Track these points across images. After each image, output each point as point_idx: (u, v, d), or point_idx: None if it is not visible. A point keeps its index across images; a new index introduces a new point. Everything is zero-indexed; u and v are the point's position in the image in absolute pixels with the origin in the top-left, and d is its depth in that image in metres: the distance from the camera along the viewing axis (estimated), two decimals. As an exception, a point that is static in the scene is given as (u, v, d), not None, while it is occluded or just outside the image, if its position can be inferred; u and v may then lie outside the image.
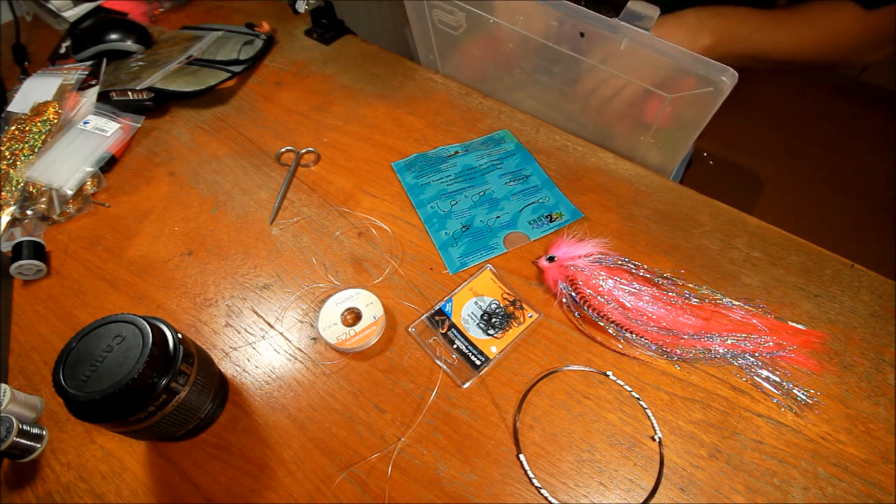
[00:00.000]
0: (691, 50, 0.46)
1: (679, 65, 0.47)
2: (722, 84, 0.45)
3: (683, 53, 0.47)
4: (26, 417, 0.41)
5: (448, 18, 0.64)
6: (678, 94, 0.50)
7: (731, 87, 0.45)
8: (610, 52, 0.52)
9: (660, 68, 0.49)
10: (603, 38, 0.51)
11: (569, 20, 0.52)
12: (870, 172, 1.63)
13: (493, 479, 0.38)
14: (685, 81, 0.48)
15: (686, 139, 0.55)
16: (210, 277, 0.51)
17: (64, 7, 0.81)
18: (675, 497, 0.37)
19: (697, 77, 0.47)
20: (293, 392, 0.43)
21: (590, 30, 0.51)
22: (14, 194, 0.56)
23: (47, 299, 0.50)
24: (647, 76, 0.51)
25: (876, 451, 0.39)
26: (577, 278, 0.46)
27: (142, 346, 0.32)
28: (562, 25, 0.53)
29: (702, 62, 0.46)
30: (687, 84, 0.48)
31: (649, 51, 0.48)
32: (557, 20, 0.53)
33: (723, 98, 0.46)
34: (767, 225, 0.52)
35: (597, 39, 0.52)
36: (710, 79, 0.46)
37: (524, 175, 0.58)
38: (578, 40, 0.53)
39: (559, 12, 0.52)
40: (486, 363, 0.43)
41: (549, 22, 0.54)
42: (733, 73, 0.45)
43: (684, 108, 0.51)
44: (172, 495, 0.38)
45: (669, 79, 0.49)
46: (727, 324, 0.45)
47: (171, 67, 0.66)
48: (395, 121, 0.65)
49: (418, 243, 0.52)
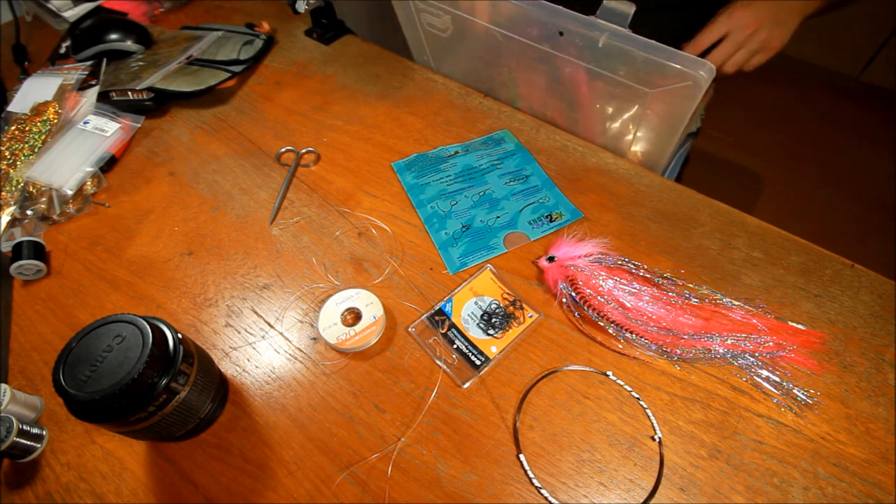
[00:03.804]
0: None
1: (657, 60, 0.47)
2: (700, 78, 0.46)
3: (660, 49, 0.47)
4: (26, 417, 0.41)
5: (435, 21, 0.64)
6: (658, 89, 0.50)
7: (708, 80, 0.46)
8: (589, 49, 0.52)
9: (638, 64, 0.49)
10: (581, 36, 0.51)
11: (547, 19, 0.52)
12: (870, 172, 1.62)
13: (493, 479, 0.38)
14: (664, 77, 0.49)
15: (671, 133, 0.55)
16: (210, 277, 0.51)
17: (64, 7, 0.81)
18: (675, 497, 0.37)
19: (675, 72, 0.47)
20: (293, 392, 0.43)
21: (568, 28, 0.52)
22: (14, 194, 0.56)
23: (47, 299, 0.50)
24: (626, 72, 0.51)
25: (876, 451, 0.39)
26: (577, 278, 0.46)
27: (142, 346, 0.32)
28: (541, 25, 0.54)
29: (679, 57, 0.46)
30: (666, 79, 0.49)
31: (627, 47, 0.49)
32: (536, 20, 0.54)
33: (701, 92, 0.47)
34: (767, 225, 0.52)
35: (575, 37, 0.52)
36: (688, 73, 0.46)
37: (524, 175, 0.58)
38: (558, 38, 0.53)
39: (538, 12, 0.53)
40: (486, 363, 0.43)
41: (528, 22, 0.55)
42: (711, 66, 0.45)
43: (665, 103, 0.51)
44: (172, 495, 0.38)
45: (649, 74, 0.50)
46: (727, 324, 0.45)
47: (171, 67, 0.66)
48: (395, 121, 0.65)
49: (418, 243, 0.52)
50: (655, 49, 0.47)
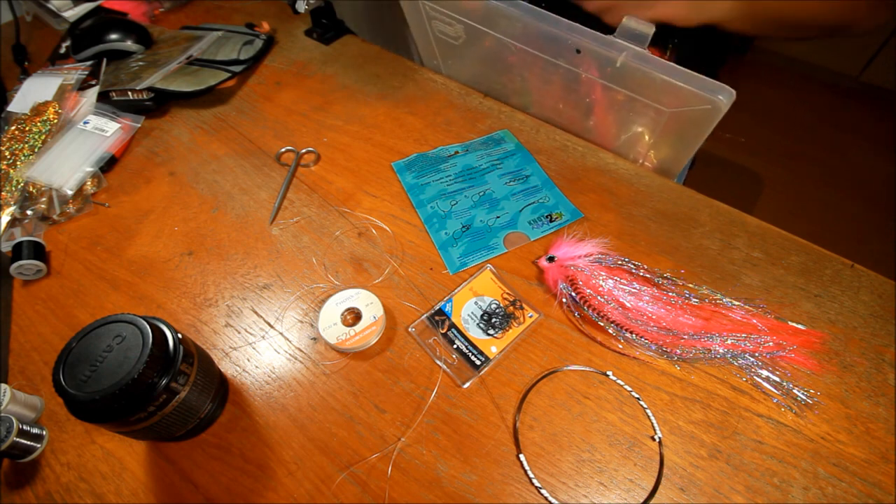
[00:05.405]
0: (710, 9, 0.45)
1: (675, 83, 0.47)
2: (719, 102, 0.45)
3: (678, 72, 0.46)
4: (26, 417, 0.41)
5: (447, 29, 0.64)
6: (676, 110, 0.50)
7: (727, 105, 0.45)
8: (606, 67, 0.52)
9: (657, 85, 0.49)
10: (599, 55, 0.51)
11: (565, 36, 0.52)
12: (870, 172, 1.63)
13: (493, 479, 0.38)
14: (682, 98, 0.48)
15: (684, 153, 0.55)
16: (210, 277, 0.51)
17: (64, 7, 0.81)
18: (675, 497, 0.37)
19: (694, 95, 0.46)
20: (293, 392, 0.43)
21: (585, 46, 0.51)
22: (14, 194, 0.56)
23: (47, 299, 0.50)
24: (644, 91, 0.51)
25: (876, 451, 0.39)
26: (577, 278, 0.46)
27: (142, 346, 0.32)
28: (559, 41, 0.53)
29: (698, 80, 0.46)
30: (685, 101, 0.48)
31: (646, 68, 0.48)
32: (553, 37, 0.53)
33: (720, 115, 0.46)
34: (767, 225, 0.52)
35: (593, 56, 0.52)
36: (707, 97, 0.46)
37: (524, 175, 0.58)
38: (574, 55, 0.53)
39: (555, 29, 0.52)
40: (486, 363, 0.43)
41: (546, 38, 0.54)
42: (731, 91, 0.45)
43: (683, 123, 0.51)
44: (172, 495, 0.38)
45: (667, 94, 0.49)
46: (727, 324, 0.45)
47: (171, 67, 0.66)
48: (395, 121, 0.65)
49: (418, 243, 0.52)
50: (674, 71, 0.47)
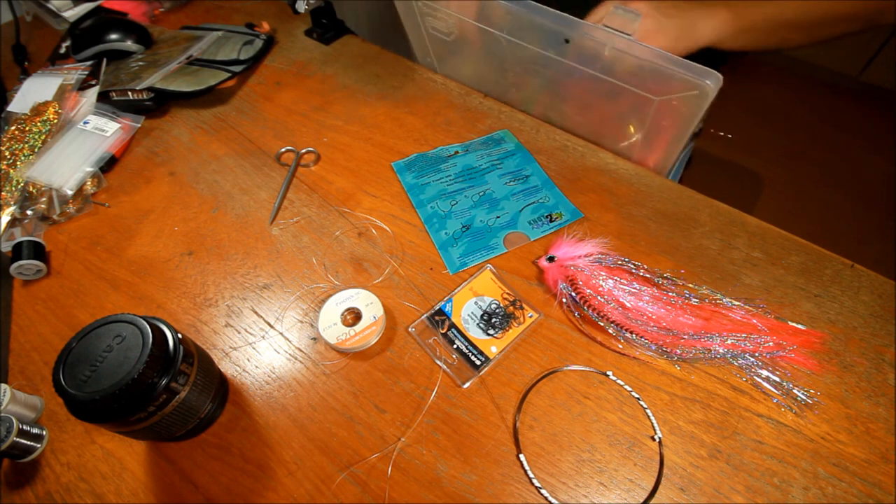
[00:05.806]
0: (697, 36, 0.45)
1: (663, 69, 0.47)
2: (706, 87, 0.45)
3: (666, 58, 0.47)
4: (26, 417, 0.41)
5: (440, 25, 0.64)
6: (664, 98, 0.50)
7: (715, 90, 0.45)
8: (595, 56, 0.52)
9: (645, 72, 0.49)
10: (587, 44, 0.51)
11: (553, 26, 0.52)
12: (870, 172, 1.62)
13: (493, 479, 0.38)
14: (670, 85, 0.48)
15: (677, 139, 0.55)
16: (210, 277, 0.51)
17: (64, 7, 0.81)
18: (675, 497, 0.37)
19: (682, 81, 0.47)
20: (293, 392, 0.43)
21: (574, 36, 0.51)
22: (14, 194, 0.56)
23: (47, 299, 0.50)
24: (632, 80, 0.51)
25: (876, 451, 0.39)
26: (577, 278, 0.46)
27: (142, 346, 0.32)
28: (547, 31, 0.53)
29: (686, 66, 0.46)
30: (672, 87, 0.48)
31: (634, 55, 0.48)
32: (542, 26, 0.53)
33: (708, 101, 0.47)
34: (767, 225, 0.52)
35: (581, 45, 0.52)
36: (695, 82, 0.46)
37: (524, 175, 0.58)
38: (563, 46, 0.53)
39: (544, 19, 0.52)
40: (486, 363, 0.43)
41: (533, 28, 0.54)
42: (718, 76, 0.45)
43: (672, 110, 0.51)
44: (172, 495, 0.38)
45: (655, 82, 0.49)
46: (727, 324, 0.45)
47: (171, 67, 0.66)
48: (395, 121, 0.65)
49: (418, 243, 0.52)
50: (662, 58, 0.47)
